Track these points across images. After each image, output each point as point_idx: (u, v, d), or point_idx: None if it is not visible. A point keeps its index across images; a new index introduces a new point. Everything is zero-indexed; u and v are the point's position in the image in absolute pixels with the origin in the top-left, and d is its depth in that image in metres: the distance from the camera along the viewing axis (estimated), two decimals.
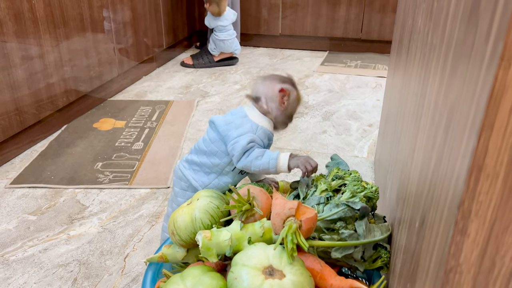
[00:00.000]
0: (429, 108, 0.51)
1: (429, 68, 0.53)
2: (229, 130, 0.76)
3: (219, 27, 2.01)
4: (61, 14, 1.36)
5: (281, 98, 0.77)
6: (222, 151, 0.78)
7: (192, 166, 0.80)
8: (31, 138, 1.34)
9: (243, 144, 0.73)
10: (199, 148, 0.80)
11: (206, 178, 0.80)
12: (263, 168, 0.74)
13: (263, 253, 0.58)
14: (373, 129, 1.50)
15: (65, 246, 0.94)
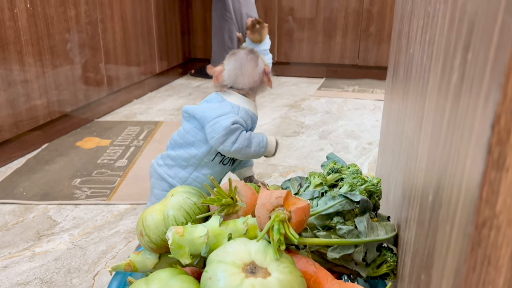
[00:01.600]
0: (428, 124, 0.43)
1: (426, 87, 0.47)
2: (206, 111, 0.69)
3: (260, 51, 2.00)
4: (46, 28, 1.32)
5: (268, 77, 0.73)
6: (199, 140, 0.71)
7: (166, 161, 0.73)
8: (7, 155, 1.25)
9: (225, 125, 0.66)
10: (174, 141, 0.73)
11: (183, 172, 0.71)
12: (253, 155, 0.67)
13: (243, 247, 0.48)
14: (373, 147, 1.42)
15: (28, 263, 0.83)
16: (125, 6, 1.73)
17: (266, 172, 1.22)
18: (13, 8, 1.19)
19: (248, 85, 0.72)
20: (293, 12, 2.31)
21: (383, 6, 2.21)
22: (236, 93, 0.71)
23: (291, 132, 1.55)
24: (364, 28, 2.26)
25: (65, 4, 1.39)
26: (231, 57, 0.73)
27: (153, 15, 1.96)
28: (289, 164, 1.28)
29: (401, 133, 0.67)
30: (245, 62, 0.72)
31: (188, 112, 0.72)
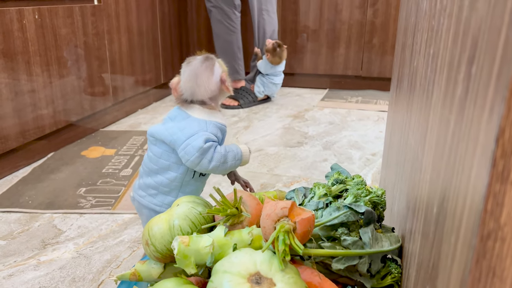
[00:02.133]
0: (432, 137, 0.44)
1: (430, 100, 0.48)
2: (174, 134, 0.67)
3: (276, 72, 2.02)
4: (53, 38, 1.34)
5: (225, 85, 0.71)
6: (173, 162, 0.69)
7: (147, 191, 0.71)
8: (12, 164, 1.26)
9: (198, 145, 0.65)
10: (149, 168, 0.71)
11: (168, 197, 0.71)
12: (230, 169, 0.69)
13: (249, 258, 0.48)
14: (377, 158, 1.42)
15: (33, 272, 0.83)
16: (131, 18, 1.76)
17: (269, 183, 1.22)
18: (22, 19, 1.21)
19: (207, 96, 0.70)
20: (296, 24, 2.33)
21: (386, 18, 2.22)
22: (198, 106, 0.69)
23: (295, 143, 1.55)
24: (368, 40, 2.28)
25: (73, 15, 1.41)
26: (186, 67, 0.70)
27: (159, 27, 1.98)
28: (293, 174, 1.28)
29: (405, 145, 0.68)
30: (199, 72, 0.69)
31: (155, 136, 0.69)
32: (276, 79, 2.04)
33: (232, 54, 2.07)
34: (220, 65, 0.72)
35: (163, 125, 0.71)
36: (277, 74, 2.03)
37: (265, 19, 2.01)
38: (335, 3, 2.25)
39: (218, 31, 2.06)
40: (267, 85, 2.03)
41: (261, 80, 2.03)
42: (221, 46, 2.10)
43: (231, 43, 2.06)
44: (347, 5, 2.25)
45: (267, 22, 2.01)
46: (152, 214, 0.72)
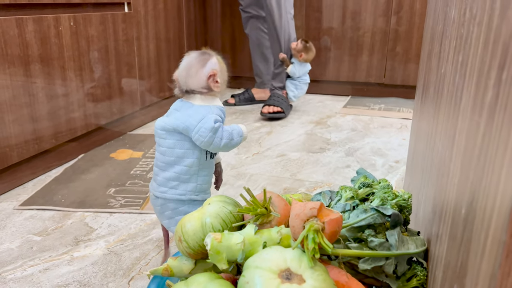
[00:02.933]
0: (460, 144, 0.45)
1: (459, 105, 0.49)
2: (186, 121, 0.71)
3: (307, 71, 2.00)
4: (87, 44, 1.39)
5: (213, 82, 0.73)
6: (188, 149, 0.73)
7: (168, 184, 0.75)
8: (46, 164, 1.32)
9: (209, 126, 0.70)
10: (164, 163, 0.75)
11: (189, 185, 0.75)
12: (235, 145, 0.74)
13: (279, 255, 0.50)
14: (400, 165, 1.42)
15: (67, 267, 0.87)
16: (160, 26, 1.81)
17: (292, 187, 1.24)
18: (58, 26, 1.27)
19: (199, 86, 0.73)
20: (319, 31, 2.35)
21: (410, 26, 2.22)
22: (197, 95, 0.73)
23: (317, 149, 1.57)
24: (391, 48, 2.28)
25: (105, 22, 1.47)
26: (183, 59, 0.74)
27: (185, 34, 2.03)
28: (316, 179, 1.30)
29: (432, 150, 0.69)
30: (192, 64, 0.73)
31: (166, 128, 0.73)
32: (308, 77, 2.02)
33: (271, 60, 2.07)
34: (217, 62, 0.75)
35: (170, 117, 0.74)
36: (307, 72, 2.01)
37: (290, 23, 1.95)
38: (359, 11, 2.27)
39: (258, 39, 2.08)
40: (301, 86, 2.00)
41: (293, 84, 1.99)
42: (262, 54, 2.11)
43: (269, 49, 2.07)
44: (371, 13, 2.25)
45: (291, 26, 1.96)
46: (179, 206, 0.75)
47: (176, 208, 0.75)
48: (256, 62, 2.19)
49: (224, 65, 0.78)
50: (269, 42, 2.02)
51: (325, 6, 2.31)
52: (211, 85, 0.73)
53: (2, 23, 1.09)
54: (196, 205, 0.75)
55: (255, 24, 2.09)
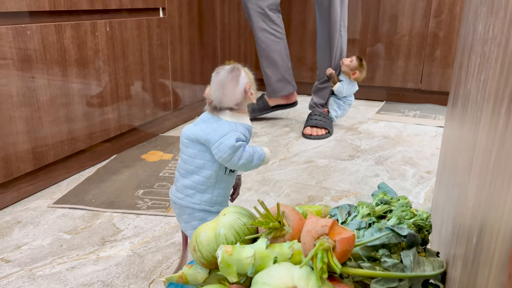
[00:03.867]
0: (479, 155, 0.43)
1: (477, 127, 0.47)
2: (209, 134, 0.73)
3: (354, 91, 1.84)
4: (121, 49, 1.44)
5: (248, 95, 0.75)
6: (208, 161, 0.75)
7: (185, 192, 0.77)
8: (80, 164, 1.37)
9: (230, 144, 0.71)
10: (185, 170, 0.76)
11: (205, 195, 0.76)
12: (254, 168, 0.75)
13: (287, 272, 0.51)
14: (432, 176, 1.37)
15: (93, 266, 0.90)
16: (193, 30, 1.84)
17: (317, 195, 1.23)
18: (95, 31, 1.32)
19: (233, 104, 0.75)
20: (354, 35, 2.31)
21: (449, 31, 2.15)
22: (227, 111, 0.75)
23: (346, 156, 1.55)
24: (429, 53, 2.21)
25: (140, 27, 1.51)
26: (215, 77, 0.75)
27: (219, 38, 2.06)
28: (342, 188, 1.28)
29: (455, 168, 0.66)
30: (226, 83, 0.74)
31: (190, 138, 0.75)
32: (353, 98, 1.86)
33: (282, 65, 1.84)
34: (246, 74, 0.76)
35: (196, 126, 0.76)
36: (354, 92, 1.84)
37: (343, 36, 1.77)
38: (396, 14, 2.21)
39: (263, 41, 1.81)
40: (344, 107, 1.84)
41: (337, 103, 1.83)
42: (268, 57, 1.83)
43: (280, 53, 1.83)
44: (408, 17, 2.20)
45: (344, 39, 1.79)
46: (194, 213, 0.77)
47: (191, 214, 0.77)
48: (265, 68, 1.87)
49: (252, 74, 0.79)
50: (278, 45, 1.82)
51: (360, 10, 2.27)
52: (248, 98, 0.76)
53: (42, 30, 1.15)
54: (211, 214, 0.77)
55: (258, 24, 1.80)
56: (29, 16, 1.14)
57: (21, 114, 1.12)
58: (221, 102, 0.74)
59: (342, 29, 1.76)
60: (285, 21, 2.31)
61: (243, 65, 0.78)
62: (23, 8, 1.10)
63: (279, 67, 1.84)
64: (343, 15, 1.75)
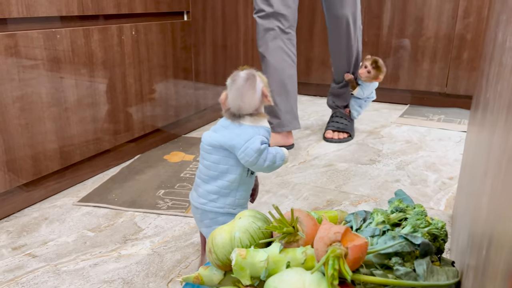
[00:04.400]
0: None
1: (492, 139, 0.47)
2: (233, 140, 0.75)
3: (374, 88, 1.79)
4: (146, 52, 1.47)
5: (266, 99, 0.77)
6: (231, 165, 0.76)
7: (208, 197, 0.78)
8: (105, 163, 1.42)
9: (255, 147, 0.73)
10: (207, 176, 0.78)
11: (228, 199, 0.78)
12: (276, 168, 0.78)
13: (299, 277, 0.52)
14: (454, 183, 1.35)
15: (114, 263, 0.93)
16: (217, 33, 1.87)
17: (336, 199, 1.23)
18: (121, 35, 1.36)
19: (251, 110, 0.77)
20: (379, 37, 2.29)
21: (476, 34, 2.10)
22: (247, 116, 0.77)
23: (367, 160, 1.54)
24: (455, 56, 2.16)
25: (164, 31, 1.54)
26: (232, 85, 0.77)
27: (241, 40, 2.08)
28: (362, 193, 1.28)
29: (474, 177, 0.66)
30: (244, 91, 0.76)
31: (213, 144, 0.76)
32: (374, 94, 1.82)
33: (293, 94, 1.57)
34: (261, 79, 0.78)
35: (217, 133, 0.77)
36: (374, 89, 1.81)
37: (359, 39, 1.69)
38: (421, 17, 2.18)
39: (278, 61, 1.52)
40: (366, 105, 1.82)
41: (358, 102, 1.80)
42: (280, 83, 1.53)
43: (294, 79, 1.57)
44: (434, 19, 2.16)
45: (360, 41, 1.71)
46: (217, 217, 0.79)
47: (214, 218, 0.78)
48: (273, 95, 1.52)
49: (265, 78, 0.81)
50: (292, 70, 1.55)
51: (385, 11, 2.25)
52: (265, 101, 0.78)
53: (71, 34, 1.19)
54: (233, 217, 0.78)
55: (274, 42, 1.52)
56: (59, 20, 1.18)
57: (49, 114, 1.16)
58: (240, 110, 0.76)
59: (358, 32, 1.66)
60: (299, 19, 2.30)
61: (256, 70, 0.80)
62: (54, 13, 1.14)
63: (290, 96, 1.57)
64: (357, 16, 1.63)
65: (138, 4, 1.41)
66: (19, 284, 0.87)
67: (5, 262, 0.94)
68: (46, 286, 0.86)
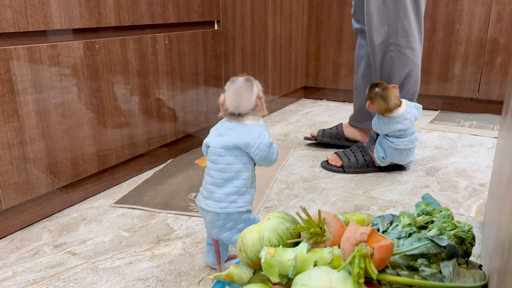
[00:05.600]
0: None
1: None
2: (247, 138, 0.79)
3: (395, 131, 1.34)
4: (179, 60, 1.53)
5: (260, 103, 0.82)
6: (244, 164, 0.81)
7: (229, 199, 0.81)
8: (139, 167, 1.48)
9: (267, 142, 0.80)
10: (223, 179, 0.81)
11: (246, 197, 0.82)
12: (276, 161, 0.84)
13: (326, 275, 0.54)
14: (485, 189, 1.33)
15: (148, 262, 0.98)
16: (246, 41, 1.91)
17: (364, 205, 1.23)
18: (155, 44, 1.42)
19: (249, 109, 0.82)
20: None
21: (509, 38, 2.06)
22: (249, 116, 0.82)
23: (396, 166, 1.53)
24: (487, 61, 2.13)
25: (196, 40, 1.60)
26: (230, 85, 0.83)
27: (270, 48, 2.11)
28: (390, 199, 1.28)
29: (501, 182, 0.66)
30: (242, 90, 0.81)
31: (227, 146, 0.80)
32: (400, 142, 1.35)
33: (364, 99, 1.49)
34: (257, 86, 0.84)
35: (226, 136, 0.81)
36: (401, 134, 1.35)
37: (394, 57, 1.39)
38: (452, 21, 2.16)
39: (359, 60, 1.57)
40: (388, 149, 1.38)
41: (380, 142, 1.42)
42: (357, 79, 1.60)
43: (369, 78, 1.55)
44: (465, 23, 2.13)
45: (397, 60, 1.39)
46: (240, 216, 0.83)
47: (237, 219, 0.82)
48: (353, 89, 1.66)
49: (261, 87, 0.87)
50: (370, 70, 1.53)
51: None
52: (260, 105, 0.83)
53: (108, 43, 1.26)
54: (251, 213, 0.84)
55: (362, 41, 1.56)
56: (97, 31, 1.25)
57: (88, 119, 1.23)
58: (238, 108, 0.81)
59: (393, 49, 1.38)
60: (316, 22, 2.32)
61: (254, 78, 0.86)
62: (93, 25, 1.21)
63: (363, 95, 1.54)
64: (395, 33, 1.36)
65: (171, 14, 1.47)
66: (61, 279, 0.92)
67: (48, 259, 1.00)
68: (85, 282, 0.91)
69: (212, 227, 0.84)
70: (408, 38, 1.38)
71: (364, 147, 1.51)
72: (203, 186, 0.86)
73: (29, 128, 1.07)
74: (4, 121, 1.02)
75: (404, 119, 1.33)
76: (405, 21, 1.36)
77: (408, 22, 1.36)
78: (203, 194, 0.85)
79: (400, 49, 1.39)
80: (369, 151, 1.49)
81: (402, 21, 1.35)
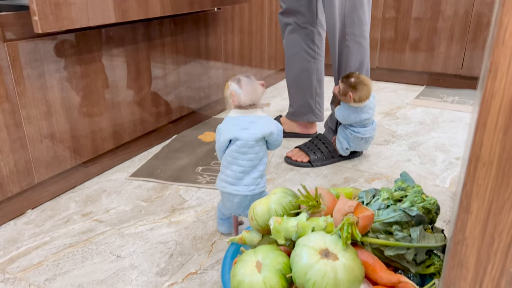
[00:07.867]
0: None
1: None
2: (269, 128, 0.93)
3: (362, 121, 1.37)
4: (182, 42, 1.64)
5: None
6: (264, 150, 0.95)
7: (256, 182, 0.94)
8: (148, 142, 1.61)
9: (281, 128, 0.96)
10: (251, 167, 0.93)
11: (264, 178, 0.96)
12: None
13: (321, 238, 0.69)
14: (460, 162, 1.50)
15: (166, 228, 1.13)
16: (244, 21, 2.01)
17: (352, 177, 1.39)
18: (161, 28, 1.52)
19: (259, 100, 0.97)
20: (397, 21, 2.39)
21: None
22: (258, 109, 0.96)
23: (382, 141, 1.69)
24: (471, 38, 2.25)
25: (198, 22, 1.69)
26: (242, 84, 0.94)
27: (266, 26, 2.21)
28: (375, 171, 1.44)
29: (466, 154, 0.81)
30: (254, 84, 0.95)
31: (257, 138, 0.92)
32: (364, 131, 1.40)
33: (308, 88, 1.61)
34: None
35: (253, 129, 0.93)
36: (365, 124, 1.40)
37: (349, 46, 1.38)
38: (439, 1, 2.26)
39: (293, 56, 1.59)
40: (352, 140, 1.42)
41: (343, 132, 1.43)
42: (294, 76, 1.61)
43: (309, 73, 1.60)
44: (452, 3, 2.24)
45: (352, 50, 1.38)
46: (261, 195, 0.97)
47: (259, 197, 0.97)
48: (288, 85, 1.68)
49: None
50: (307, 64, 1.59)
51: None
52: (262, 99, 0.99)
53: (121, 29, 1.36)
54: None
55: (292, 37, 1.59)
56: None
57: (104, 101, 1.35)
58: (252, 100, 0.95)
59: (348, 39, 1.37)
60: None
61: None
62: None
63: (302, 89, 1.62)
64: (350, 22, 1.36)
65: (184, 5, 1.56)
66: (93, 243, 1.08)
67: (79, 226, 1.15)
68: (114, 245, 1.07)
69: (237, 207, 0.95)
70: (362, 27, 1.37)
71: (325, 138, 1.53)
72: (228, 174, 0.94)
73: (55, 111, 1.20)
74: (35, 105, 1.14)
75: (369, 108, 1.37)
76: (360, 10, 1.35)
77: (363, 11, 1.36)
78: (228, 181, 0.94)
79: (355, 38, 1.38)
80: (331, 141, 1.51)
81: (358, 10, 1.35)
